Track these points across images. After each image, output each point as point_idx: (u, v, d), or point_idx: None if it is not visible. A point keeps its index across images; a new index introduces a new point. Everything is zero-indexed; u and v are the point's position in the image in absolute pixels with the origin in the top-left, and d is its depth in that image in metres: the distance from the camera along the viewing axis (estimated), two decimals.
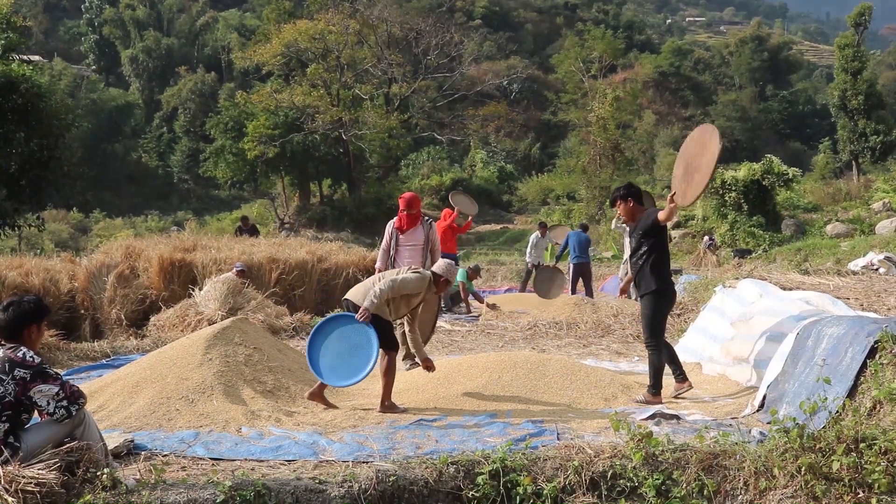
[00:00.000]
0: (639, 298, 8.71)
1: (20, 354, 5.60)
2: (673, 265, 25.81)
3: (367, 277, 17.01)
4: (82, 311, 16.58)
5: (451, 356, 11.28)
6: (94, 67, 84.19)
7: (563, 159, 56.66)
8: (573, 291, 19.79)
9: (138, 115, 76.80)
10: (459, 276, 17.49)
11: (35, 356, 5.66)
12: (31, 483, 5.07)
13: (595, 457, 5.78)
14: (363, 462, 6.22)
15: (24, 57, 24.93)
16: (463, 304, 17.65)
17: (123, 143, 70.77)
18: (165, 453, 6.53)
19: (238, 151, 50.11)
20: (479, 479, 5.44)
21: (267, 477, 5.71)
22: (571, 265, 20.24)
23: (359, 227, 48.16)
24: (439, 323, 14.75)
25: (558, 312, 15.48)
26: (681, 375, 8.55)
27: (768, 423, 6.66)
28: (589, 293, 19.74)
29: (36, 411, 5.76)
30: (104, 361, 11.03)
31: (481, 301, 17.60)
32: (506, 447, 5.93)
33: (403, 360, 10.43)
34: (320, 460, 6.36)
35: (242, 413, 7.65)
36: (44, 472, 5.17)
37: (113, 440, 6.49)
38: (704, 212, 34.84)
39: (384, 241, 10.54)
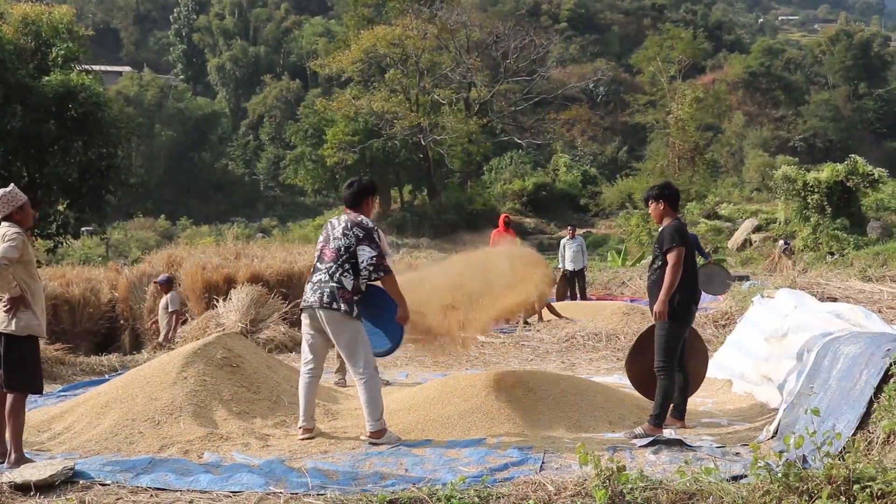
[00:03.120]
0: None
1: None
2: (744, 271, 24.99)
3: None
4: (122, 322, 16.38)
5: (470, 371, 10.67)
6: (181, 77, 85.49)
7: (645, 162, 55.59)
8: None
9: (225, 124, 77.67)
10: None
11: None
12: None
13: (555, 494, 5.16)
14: (307, 495, 5.69)
15: (84, 66, 24.89)
16: (533, 318, 15.74)
17: (210, 152, 71.62)
18: (107, 482, 6.07)
19: (318, 158, 50.25)
20: None
21: None
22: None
23: (439, 233, 47.73)
24: None
25: (606, 322, 14.72)
26: (680, 412, 7.76)
27: (781, 451, 5.95)
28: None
29: None
30: (107, 376, 10.65)
31: (557, 314, 16.09)
32: (458, 482, 5.34)
33: (336, 372, 10.19)
34: (266, 492, 5.85)
35: (209, 436, 7.20)
36: None
37: (51, 467, 6.05)
38: (786, 215, 33.60)
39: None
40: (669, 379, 7.44)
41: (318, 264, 7.35)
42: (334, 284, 7.21)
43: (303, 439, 7.27)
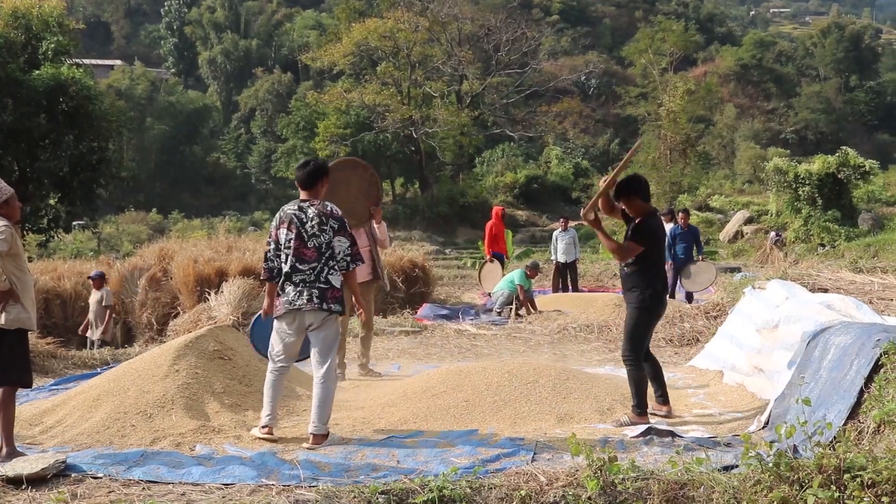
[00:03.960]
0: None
1: None
2: (735, 262, 25.02)
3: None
4: (114, 315, 16.33)
5: (462, 363, 10.67)
6: (172, 70, 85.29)
7: (636, 154, 55.52)
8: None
9: (216, 117, 77.52)
10: (517, 278, 16.48)
11: None
12: None
13: (547, 485, 5.14)
14: (298, 487, 5.69)
15: (75, 60, 24.88)
16: (523, 310, 16.04)
17: (202, 145, 71.44)
18: (99, 475, 6.06)
19: (309, 151, 50.11)
20: None
21: None
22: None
23: (431, 226, 47.73)
24: (465, 327, 14.19)
25: (598, 314, 14.76)
26: (663, 397, 7.83)
27: (772, 441, 5.98)
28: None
29: None
30: (98, 370, 10.63)
31: (534, 307, 16.31)
32: (450, 473, 5.34)
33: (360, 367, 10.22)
34: (259, 484, 5.85)
35: (201, 429, 7.18)
36: None
37: (43, 461, 6.04)
38: (777, 206, 33.69)
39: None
40: (636, 367, 7.56)
41: (298, 264, 7.05)
42: (322, 285, 7.04)
43: (263, 439, 7.06)
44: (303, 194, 7.19)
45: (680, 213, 18.03)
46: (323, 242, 7.06)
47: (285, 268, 7.09)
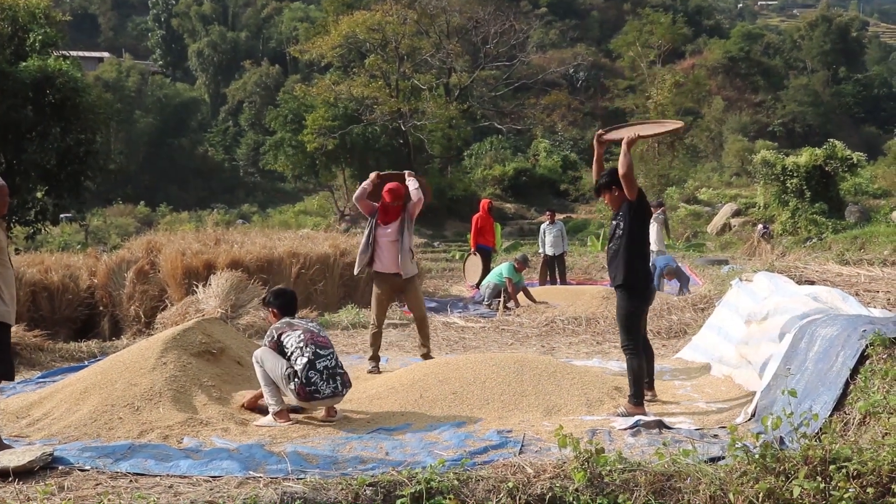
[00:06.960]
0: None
1: None
2: (723, 255, 25.10)
3: None
4: (101, 308, 16.29)
5: (448, 355, 10.69)
6: (160, 63, 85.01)
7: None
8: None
9: (204, 110, 77.35)
10: (505, 270, 16.50)
11: None
12: None
13: (534, 477, 5.17)
14: (286, 479, 5.69)
15: (62, 52, 24.70)
16: (512, 303, 16.08)
17: (189, 138, 71.26)
18: (86, 468, 6.06)
19: (297, 144, 49.94)
20: (399, 503, 4.85)
21: (179, 496, 5.34)
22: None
23: (419, 219, 47.07)
24: (453, 319, 14.21)
25: (586, 307, 14.81)
26: (648, 383, 7.89)
27: (758, 433, 6.00)
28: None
29: None
30: (86, 363, 10.59)
31: (532, 299, 16.31)
32: (437, 465, 5.35)
33: (369, 360, 10.06)
34: (247, 476, 5.86)
35: (189, 422, 7.19)
36: None
37: (30, 453, 6.03)
38: (765, 199, 33.78)
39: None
40: (636, 355, 7.55)
41: (319, 350, 7.43)
42: (342, 370, 7.61)
43: (285, 422, 7.39)
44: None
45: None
46: (328, 336, 7.76)
47: (305, 359, 7.35)
